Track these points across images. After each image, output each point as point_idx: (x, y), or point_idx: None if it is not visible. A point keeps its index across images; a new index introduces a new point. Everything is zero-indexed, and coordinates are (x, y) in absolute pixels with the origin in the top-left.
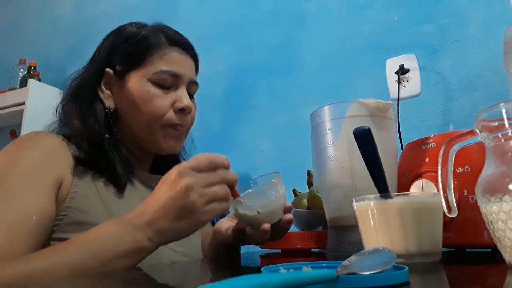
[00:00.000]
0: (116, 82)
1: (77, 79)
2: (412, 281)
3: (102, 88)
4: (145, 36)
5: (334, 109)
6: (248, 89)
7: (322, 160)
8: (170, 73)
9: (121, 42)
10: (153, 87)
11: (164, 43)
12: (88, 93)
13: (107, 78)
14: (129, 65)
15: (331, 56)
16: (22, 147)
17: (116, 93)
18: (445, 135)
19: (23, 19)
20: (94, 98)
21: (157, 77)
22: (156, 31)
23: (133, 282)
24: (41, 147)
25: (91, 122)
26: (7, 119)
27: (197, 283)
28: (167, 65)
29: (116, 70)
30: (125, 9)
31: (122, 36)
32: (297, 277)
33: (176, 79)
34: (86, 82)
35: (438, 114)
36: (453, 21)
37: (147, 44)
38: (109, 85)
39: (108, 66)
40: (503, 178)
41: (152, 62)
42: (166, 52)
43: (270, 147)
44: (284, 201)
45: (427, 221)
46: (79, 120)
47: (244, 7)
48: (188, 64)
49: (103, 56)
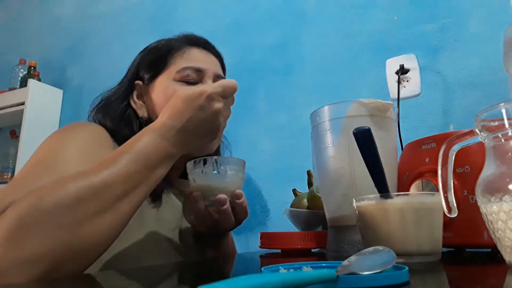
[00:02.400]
0: (146, 91)
1: (108, 95)
2: (412, 281)
3: (135, 99)
4: (166, 43)
5: (334, 109)
6: (248, 89)
7: (322, 160)
8: (192, 68)
9: (146, 55)
10: (179, 85)
11: (183, 44)
12: (119, 104)
13: (138, 90)
14: (155, 71)
15: (331, 56)
16: (74, 130)
17: (148, 102)
18: (445, 135)
19: (23, 19)
20: (127, 109)
21: (180, 74)
22: (176, 37)
23: (132, 282)
24: (93, 132)
25: (126, 132)
26: (7, 119)
27: (197, 283)
28: (189, 61)
29: (144, 80)
30: (125, 9)
31: (146, 50)
32: (297, 277)
33: (200, 74)
34: (117, 95)
35: (438, 114)
36: (453, 21)
37: (168, 47)
38: (140, 97)
39: (137, 79)
40: (503, 178)
41: (174, 62)
42: (186, 51)
43: (270, 147)
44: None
45: (427, 221)
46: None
47: (244, 7)
48: (210, 59)
49: (132, 71)
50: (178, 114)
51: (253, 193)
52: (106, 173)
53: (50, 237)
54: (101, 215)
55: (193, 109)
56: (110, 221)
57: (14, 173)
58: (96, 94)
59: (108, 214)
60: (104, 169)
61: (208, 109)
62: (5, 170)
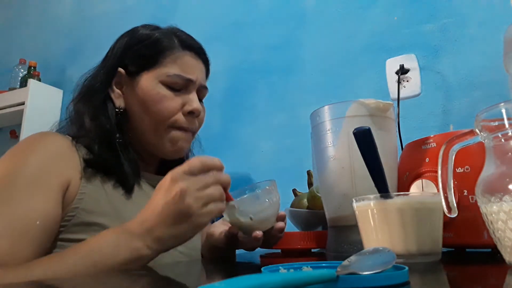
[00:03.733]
0: (127, 82)
1: (89, 78)
2: (412, 281)
3: (113, 88)
4: (159, 38)
5: (334, 109)
6: (248, 89)
7: (322, 160)
8: (183, 78)
9: (135, 43)
10: (164, 88)
11: (177, 46)
12: (100, 92)
13: (119, 77)
14: (142, 66)
15: (331, 56)
16: (29, 149)
17: (127, 93)
18: (445, 135)
19: (23, 19)
20: (106, 98)
21: (169, 80)
22: (170, 34)
23: (133, 282)
24: (48, 149)
25: (103, 122)
26: (7, 119)
27: (197, 283)
28: (181, 69)
29: (128, 70)
30: (125, 9)
31: (135, 37)
32: (297, 277)
33: (188, 83)
34: (98, 82)
35: (438, 114)
36: (453, 21)
37: (160, 46)
38: (119, 85)
39: (120, 66)
40: (503, 178)
41: (165, 65)
42: (179, 56)
43: (270, 147)
44: (277, 209)
45: (427, 221)
46: (90, 119)
47: (244, 7)
48: (200, 68)
49: (116, 56)
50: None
51: None
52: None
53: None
54: None
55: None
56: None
57: None
58: None
59: None
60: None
61: (171, 191)
62: None
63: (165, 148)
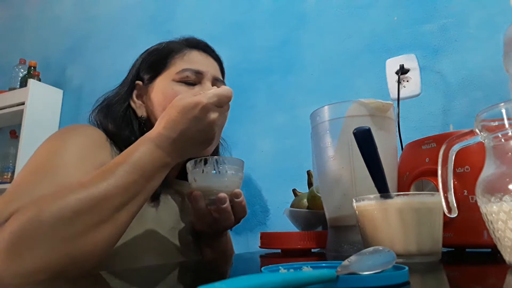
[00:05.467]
0: (145, 91)
1: (111, 96)
2: (412, 281)
3: (134, 99)
4: (167, 44)
5: (334, 109)
6: (248, 89)
7: (322, 160)
8: (192, 70)
9: (147, 56)
10: (178, 85)
11: (184, 46)
12: (121, 104)
13: (138, 90)
14: (155, 71)
15: (331, 56)
16: (73, 133)
17: (147, 102)
18: (445, 135)
19: (23, 19)
20: (127, 109)
21: (179, 75)
22: (178, 40)
23: (131, 282)
24: (91, 135)
25: (126, 133)
26: (7, 119)
27: (197, 283)
28: (188, 63)
29: (144, 81)
30: (125, 9)
31: (148, 51)
32: (297, 277)
33: (199, 76)
34: (118, 95)
35: (438, 114)
36: (453, 21)
37: (169, 49)
38: (140, 97)
39: (137, 80)
40: (503, 178)
41: (174, 64)
42: (186, 53)
43: (270, 147)
44: (239, 184)
45: (427, 221)
46: (115, 128)
47: (244, 7)
48: (210, 62)
49: (133, 72)
50: (173, 124)
51: (253, 193)
52: (105, 185)
53: (50, 249)
54: (100, 226)
55: (188, 120)
56: (109, 231)
57: (14, 173)
58: (96, 94)
59: (107, 224)
60: (103, 180)
61: (203, 120)
62: (5, 170)
63: None
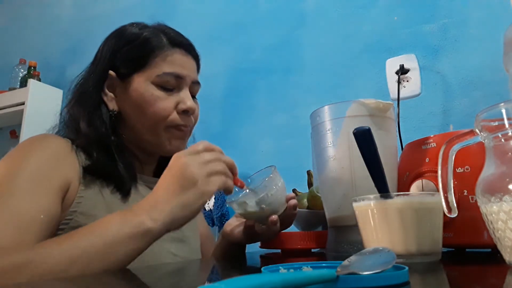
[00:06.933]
0: (119, 85)
1: (81, 82)
2: (412, 281)
3: (106, 91)
4: (147, 38)
5: (334, 109)
6: (248, 89)
7: (322, 160)
8: (173, 75)
9: (123, 44)
10: (157, 89)
11: (166, 44)
12: (93, 96)
13: (110, 80)
14: (133, 68)
15: (331, 56)
16: (31, 149)
17: (120, 96)
18: (445, 135)
19: (23, 19)
20: (100, 101)
21: (160, 79)
22: (158, 32)
23: (132, 282)
24: (50, 149)
25: (98, 126)
26: (7, 119)
27: (196, 283)
28: (170, 67)
29: (119, 72)
30: (125, 9)
31: (124, 38)
32: (297, 277)
33: (179, 81)
34: (90, 86)
35: (438, 114)
36: (453, 21)
37: (150, 46)
38: (112, 88)
39: (111, 69)
40: (503, 178)
41: (155, 65)
42: (168, 54)
43: (270, 147)
44: (284, 192)
45: (427, 221)
46: (86, 124)
47: (244, 7)
48: (191, 64)
49: (106, 58)
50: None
51: None
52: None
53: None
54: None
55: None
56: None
57: None
58: None
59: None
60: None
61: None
62: None
63: (163, 146)
